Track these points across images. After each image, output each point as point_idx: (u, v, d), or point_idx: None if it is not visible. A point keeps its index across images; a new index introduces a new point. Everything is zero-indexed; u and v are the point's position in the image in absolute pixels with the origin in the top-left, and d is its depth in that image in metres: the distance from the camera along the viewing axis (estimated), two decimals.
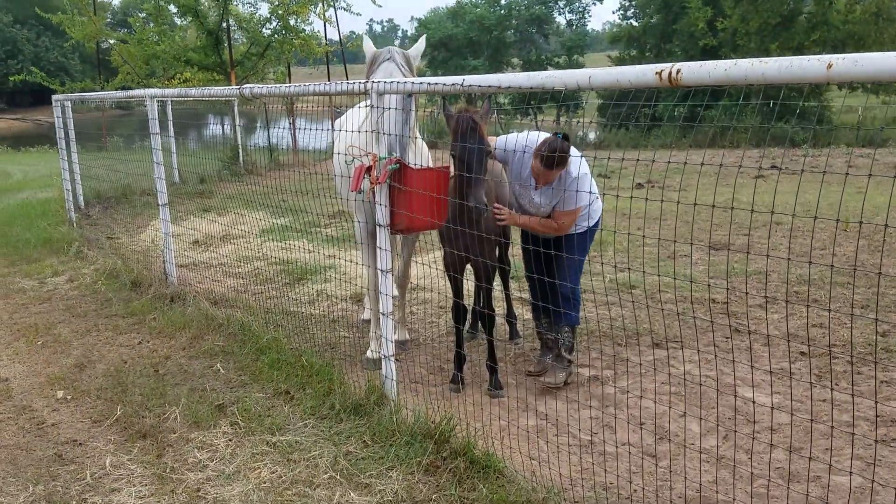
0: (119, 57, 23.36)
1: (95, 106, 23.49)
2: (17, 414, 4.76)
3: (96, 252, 8.89)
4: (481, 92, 3.80)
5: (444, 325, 6.28)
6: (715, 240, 8.78)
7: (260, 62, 21.06)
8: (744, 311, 6.22)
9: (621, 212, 10.06)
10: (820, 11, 27.22)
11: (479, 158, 4.35)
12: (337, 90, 4.85)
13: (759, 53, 26.25)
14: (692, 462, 3.85)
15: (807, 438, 4.04)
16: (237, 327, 5.94)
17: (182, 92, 7.01)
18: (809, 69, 2.38)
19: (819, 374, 5.05)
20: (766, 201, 10.31)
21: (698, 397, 4.61)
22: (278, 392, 4.82)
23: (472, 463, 3.72)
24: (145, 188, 13.06)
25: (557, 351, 5.01)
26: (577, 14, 52.79)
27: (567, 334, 5.00)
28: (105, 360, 5.62)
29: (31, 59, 57.97)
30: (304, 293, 7.36)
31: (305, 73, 42.96)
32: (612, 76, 3.00)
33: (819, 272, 7.11)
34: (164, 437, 4.29)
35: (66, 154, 10.93)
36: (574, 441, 4.20)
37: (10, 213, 12.10)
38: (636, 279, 7.01)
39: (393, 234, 4.72)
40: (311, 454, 3.98)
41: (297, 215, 9.32)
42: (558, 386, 4.87)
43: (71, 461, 4.11)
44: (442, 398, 4.75)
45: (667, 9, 35.65)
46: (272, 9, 20.08)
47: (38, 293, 7.56)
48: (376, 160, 4.41)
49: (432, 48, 48.69)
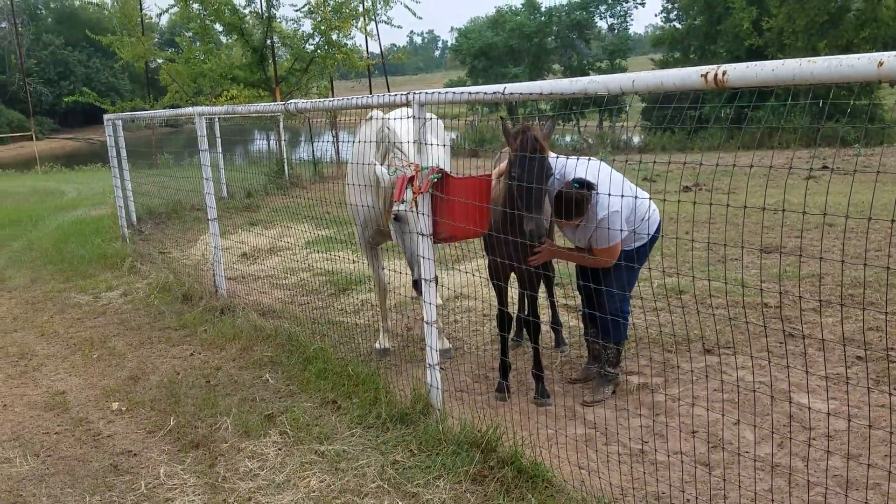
0: (167, 76, 23.96)
1: (146, 124, 24.11)
2: (73, 426, 4.89)
3: (149, 266, 9.11)
4: (522, 100, 3.78)
5: (489, 333, 6.26)
6: (766, 242, 8.59)
7: (304, 77, 21.37)
8: (797, 315, 6.07)
9: (669, 216, 9.93)
10: (869, 8, 26.53)
11: (541, 180, 4.24)
12: (379, 102, 4.90)
13: (807, 52, 25.70)
14: (747, 470, 3.77)
15: (865, 445, 3.92)
16: (285, 338, 6.02)
17: (230, 109, 7.14)
18: (859, 67, 2.32)
19: (877, 378, 4.90)
20: (817, 202, 10.07)
21: (752, 404, 4.50)
22: (325, 401, 4.86)
23: (520, 472, 3.69)
24: (195, 203, 13.35)
25: (601, 364, 4.94)
26: (618, 18, 52.50)
27: (612, 350, 4.90)
28: (158, 371, 5.75)
29: (82, 80, 59.88)
30: (348, 303, 7.43)
31: (348, 87, 43.45)
32: (657, 79, 2.97)
33: (874, 274, 6.90)
34: (215, 447, 4.36)
35: (118, 172, 11.23)
36: (624, 450, 4.14)
37: (64, 231, 12.46)
38: (685, 284, 6.89)
39: (436, 244, 4.73)
40: (358, 463, 4.00)
41: (340, 226, 9.42)
42: (594, 403, 4.78)
43: (126, 472, 4.20)
44: (488, 406, 4.74)
45: (710, 10, 35.14)
46: (315, 25, 20.38)
47: (92, 307, 7.76)
48: (419, 170, 4.43)
49: (472, 57, 48.84)
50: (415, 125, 4.46)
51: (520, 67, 47.41)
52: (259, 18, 20.28)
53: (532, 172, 4.18)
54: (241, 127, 21.09)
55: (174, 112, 10.75)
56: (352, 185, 5.68)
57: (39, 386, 5.66)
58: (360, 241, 6.06)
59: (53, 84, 65.09)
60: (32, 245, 11.47)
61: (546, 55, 49.53)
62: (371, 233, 5.84)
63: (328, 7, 20.12)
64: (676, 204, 3.77)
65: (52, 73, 66.43)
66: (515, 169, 4.25)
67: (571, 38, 50.67)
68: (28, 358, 6.32)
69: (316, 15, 20.31)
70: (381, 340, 6.03)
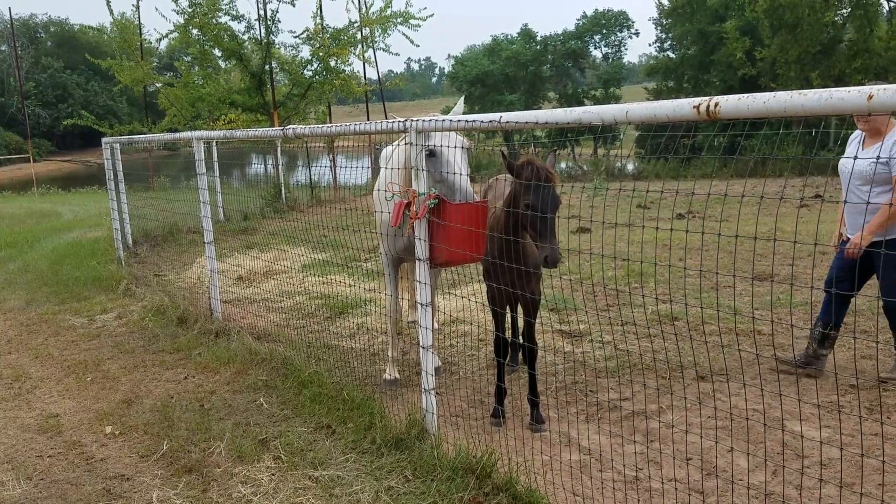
0: (166, 100, 24.10)
1: (143, 147, 24.19)
2: (67, 449, 4.87)
3: (144, 289, 9.11)
4: (518, 128, 3.83)
5: (484, 358, 6.27)
6: (759, 270, 8.64)
7: (301, 102, 21.52)
8: (790, 343, 6.10)
9: (662, 242, 9.99)
10: (861, 39, 26.88)
11: (555, 209, 4.30)
12: (376, 129, 4.95)
13: (800, 82, 25.97)
14: (740, 498, 3.77)
15: (858, 473, 3.93)
16: (280, 361, 6.02)
17: (228, 133, 7.19)
18: (849, 100, 2.37)
19: (870, 407, 4.92)
20: (809, 231, 10.14)
21: (745, 431, 4.52)
22: (320, 426, 4.85)
23: (515, 499, 3.69)
24: (191, 226, 13.37)
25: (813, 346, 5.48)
26: (613, 47, 52.97)
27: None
28: (152, 395, 5.73)
29: (81, 103, 60.17)
30: (344, 327, 7.43)
31: (345, 112, 43.67)
32: (650, 110, 3.02)
33: (866, 303, 6.94)
34: (209, 472, 4.34)
35: (114, 194, 11.26)
36: (619, 477, 4.14)
37: (60, 253, 12.46)
38: (679, 311, 6.93)
39: (432, 268, 4.76)
40: (352, 489, 3.99)
41: (337, 250, 9.45)
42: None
43: (119, 496, 4.18)
44: (483, 432, 4.73)
45: (704, 40, 35.57)
46: (313, 51, 20.57)
47: (87, 330, 7.75)
48: (415, 196, 4.48)
49: (469, 84, 49.23)
50: (413, 151, 4.52)
51: (515, 95, 47.80)
52: (258, 44, 20.46)
53: (546, 201, 4.23)
54: (238, 150, 21.19)
55: (172, 136, 10.81)
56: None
57: (33, 409, 5.64)
58: (384, 258, 5.86)
59: (52, 107, 65.41)
60: (28, 267, 11.46)
61: (541, 83, 49.96)
62: (395, 258, 5.71)
63: (326, 34, 20.33)
64: (669, 231, 3.81)
65: (50, 95, 66.75)
66: (530, 197, 4.27)
67: (566, 67, 51.16)
68: (22, 380, 6.29)
69: (314, 41, 20.52)
70: (389, 371, 5.84)
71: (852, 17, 27.28)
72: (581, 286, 7.38)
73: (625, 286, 8.24)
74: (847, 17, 27.79)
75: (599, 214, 10.35)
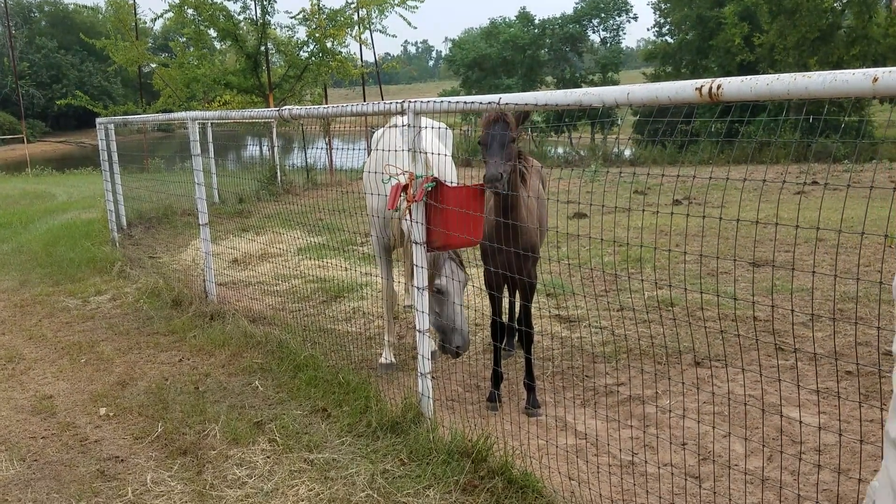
0: (160, 80, 23.97)
1: (138, 129, 24.06)
2: (60, 430, 4.84)
3: (138, 271, 9.06)
4: (517, 110, 3.80)
5: (480, 343, 6.25)
6: (757, 256, 8.63)
7: (297, 84, 21.39)
8: (788, 329, 6.09)
9: (659, 228, 9.96)
10: (860, 25, 26.81)
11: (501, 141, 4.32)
12: (373, 110, 4.89)
13: (798, 68, 25.91)
14: (736, 484, 3.77)
15: (855, 460, 3.93)
16: (275, 345, 5.99)
17: (223, 114, 7.14)
18: (854, 83, 2.33)
19: (866, 393, 4.91)
20: (809, 217, 10.13)
21: (742, 417, 4.51)
22: (315, 409, 4.83)
23: (510, 483, 3.68)
24: (186, 208, 13.30)
25: None
26: (611, 32, 52.79)
27: None
28: (146, 377, 5.70)
29: (75, 84, 59.77)
30: (340, 311, 7.40)
31: (342, 94, 43.57)
32: (651, 92, 2.97)
33: (865, 289, 6.94)
34: (203, 454, 4.32)
35: (109, 175, 11.18)
36: (614, 461, 4.14)
37: (54, 234, 12.38)
38: (676, 297, 6.91)
39: (429, 252, 4.73)
40: (348, 472, 3.98)
41: (333, 233, 9.40)
42: None
43: (113, 477, 4.16)
44: (479, 416, 4.72)
45: (702, 25, 35.45)
46: (310, 32, 20.42)
47: (81, 312, 7.71)
48: (413, 179, 4.43)
49: (466, 67, 49.03)
50: (410, 133, 4.46)
51: (513, 79, 47.63)
52: (253, 25, 20.30)
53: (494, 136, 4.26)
54: (234, 132, 21.07)
55: (167, 116, 10.72)
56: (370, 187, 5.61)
57: (27, 390, 5.61)
58: (375, 249, 5.87)
59: (46, 87, 64.92)
60: (22, 248, 11.39)
61: (539, 67, 49.80)
62: (385, 242, 5.69)
63: (323, 15, 20.17)
64: (668, 217, 3.78)
65: (44, 76, 66.23)
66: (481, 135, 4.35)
67: (564, 51, 50.96)
68: (16, 361, 6.26)
69: (311, 22, 20.36)
70: (386, 355, 5.83)
71: (851, 4, 27.17)
72: (578, 271, 7.36)
73: (622, 271, 8.22)
74: (846, 4, 27.68)
75: (597, 200, 10.32)
